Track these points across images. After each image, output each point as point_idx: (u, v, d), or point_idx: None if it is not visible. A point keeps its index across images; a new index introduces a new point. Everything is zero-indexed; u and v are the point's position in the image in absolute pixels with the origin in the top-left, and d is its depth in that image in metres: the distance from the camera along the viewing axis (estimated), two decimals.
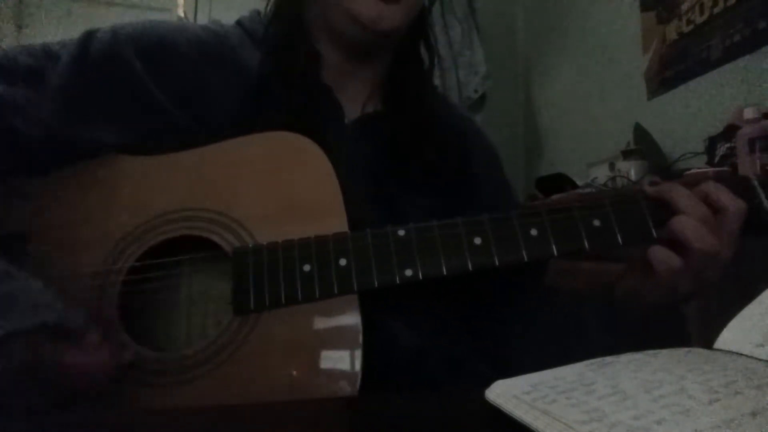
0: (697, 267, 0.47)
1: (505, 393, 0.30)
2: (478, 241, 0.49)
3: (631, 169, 1.76)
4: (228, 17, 0.66)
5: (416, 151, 0.61)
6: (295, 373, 0.46)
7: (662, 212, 0.50)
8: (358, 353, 0.46)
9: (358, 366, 0.46)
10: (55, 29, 2.41)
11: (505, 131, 2.82)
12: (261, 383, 0.46)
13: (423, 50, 0.68)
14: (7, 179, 0.52)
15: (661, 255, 0.48)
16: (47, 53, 0.55)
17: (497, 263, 0.49)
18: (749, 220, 0.49)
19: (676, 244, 0.48)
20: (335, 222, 0.50)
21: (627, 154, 1.82)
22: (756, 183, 0.51)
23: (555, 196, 1.94)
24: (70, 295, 0.47)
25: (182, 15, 2.66)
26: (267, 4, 0.64)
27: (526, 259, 0.49)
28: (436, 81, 0.73)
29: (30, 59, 0.54)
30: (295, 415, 0.38)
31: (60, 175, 0.53)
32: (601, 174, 1.90)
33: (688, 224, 0.47)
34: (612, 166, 1.88)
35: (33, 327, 0.40)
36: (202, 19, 2.49)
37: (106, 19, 0.59)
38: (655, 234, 0.50)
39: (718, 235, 0.47)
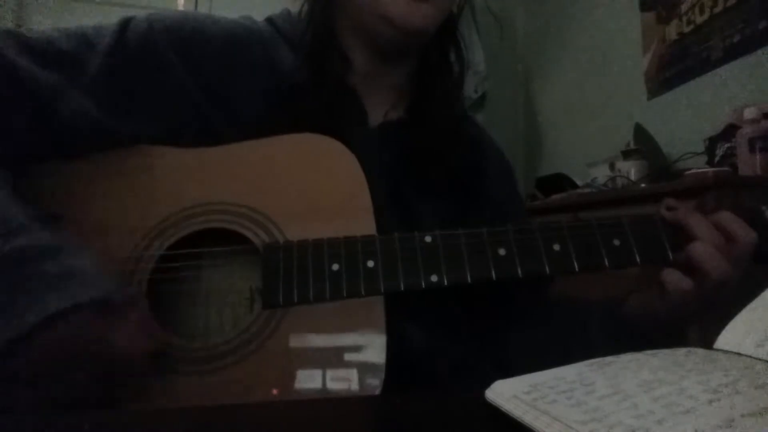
0: (709, 291, 0.49)
1: (505, 393, 0.30)
2: (502, 251, 0.50)
3: (631, 169, 1.76)
4: (228, 16, 0.66)
5: (435, 160, 0.62)
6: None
7: (678, 235, 0.52)
8: (383, 352, 0.47)
9: (382, 364, 0.47)
10: None
11: (505, 131, 2.81)
12: (286, 376, 0.47)
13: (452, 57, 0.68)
14: (43, 160, 0.52)
15: (674, 278, 0.50)
16: (84, 40, 0.54)
17: (521, 274, 0.50)
18: (761, 249, 0.51)
19: (689, 268, 0.50)
20: (363, 224, 0.51)
21: (627, 154, 1.82)
22: (766, 212, 0.53)
23: (555, 196, 1.94)
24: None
25: None
26: (301, 8, 0.63)
27: (548, 272, 0.50)
28: None
29: (67, 44, 0.53)
30: (294, 414, 0.38)
31: (95, 161, 0.53)
32: (601, 174, 1.90)
33: (705, 251, 0.49)
34: (612, 166, 1.88)
35: (87, 301, 0.42)
36: None
37: (107, 19, 0.59)
38: (671, 256, 0.51)
39: (730, 262, 0.49)
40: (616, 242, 0.51)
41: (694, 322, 0.54)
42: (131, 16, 0.57)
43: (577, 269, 0.50)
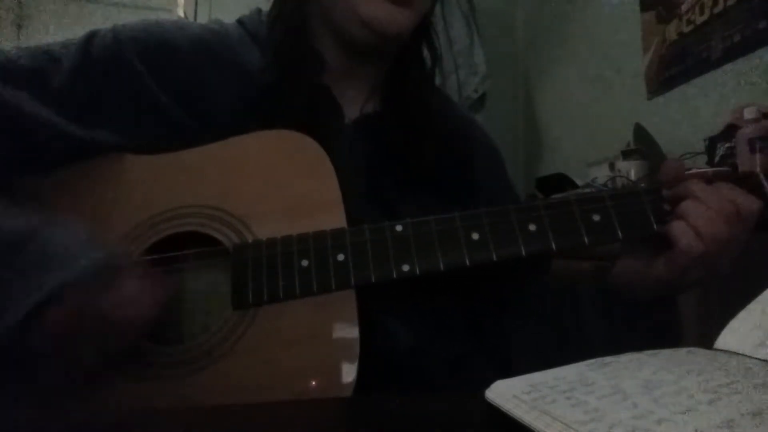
0: (710, 257, 0.47)
1: (505, 393, 0.30)
2: (475, 236, 0.49)
3: (631, 169, 1.75)
4: (228, 17, 0.66)
5: (414, 153, 0.61)
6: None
7: (663, 206, 0.50)
8: (355, 348, 0.47)
9: (355, 360, 0.46)
10: (55, 29, 2.41)
11: (505, 131, 2.81)
12: (258, 377, 0.46)
13: (425, 50, 0.68)
14: (12, 178, 0.53)
15: (684, 232, 0.47)
16: (49, 55, 0.55)
17: (495, 258, 0.49)
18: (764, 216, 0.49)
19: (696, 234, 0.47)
20: (334, 219, 0.51)
21: (627, 154, 1.82)
22: (762, 178, 0.51)
23: (555, 196, 1.94)
24: None
25: (182, 15, 2.66)
26: (272, 7, 0.63)
27: (524, 254, 0.49)
28: (437, 81, 0.73)
29: (32, 61, 0.54)
30: (292, 415, 0.38)
31: (65, 173, 0.54)
32: (601, 174, 1.90)
33: (701, 210, 0.47)
34: (612, 166, 1.87)
35: (78, 275, 0.42)
36: (203, 20, 2.47)
37: (106, 19, 0.59)
38: (656, 227, 0.50)
39: (733, 229, 0.47)
40: (596, 218, 0.49)
41: (690, 289, 0.52)
42: (96, 29, 0.58)
43: (554, 249, 0.49)
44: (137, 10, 2.55)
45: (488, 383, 0.32)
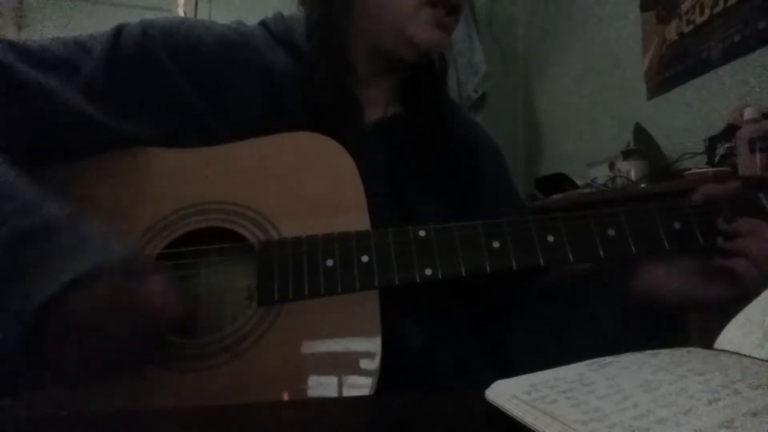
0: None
1: (505, 393, 0.30)
2: (496, 244, 0.51)
3: (631, 169, 1.76)
4: (228, 17, 0.67)
5: (431, 154, 0.63)
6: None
7: (675, 224, 0.52)
8: (378, 349, 0.47)
9: (376, 360, 0.47)
10: (55, 29, 2.41)
11: (505, 131, 2.82)
12: (280, 373, 0.47)
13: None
14: (37, 165, 0.52)
15: (748, 268, 0.50)
16: (80, 46, 0.55)
17: (515, 266, 0.50)
18: None
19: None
20: (357, 220, 0.52)
21: (627, 154, 1.82)
22: (766, 203, 0.53)
23: (555, 196, 1.94)
24: None
25: (182, 15, 2.66)
26: (311, 14, 0.63)
27: (542, 263, 0.51)
28: None
29: (63, 50, 0.54)
30: (295, 414, 0.38)
31: (89, 164, 0.54)
32: (601, 174, 1.90)
33: (762, 249, 0.50)
34: (612, 166, 1.88)
35: (100, 265, 0.42)
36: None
37: (106, 20, 0.59)
38: (667, 245, 0.52)
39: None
40: (611, 232, 0.52)
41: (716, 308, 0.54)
42: (125, 23, 0.58)
43: (571, 259, 0.51)
44: (137, 10, 2.55)
45: (490, 384, 0.32)
